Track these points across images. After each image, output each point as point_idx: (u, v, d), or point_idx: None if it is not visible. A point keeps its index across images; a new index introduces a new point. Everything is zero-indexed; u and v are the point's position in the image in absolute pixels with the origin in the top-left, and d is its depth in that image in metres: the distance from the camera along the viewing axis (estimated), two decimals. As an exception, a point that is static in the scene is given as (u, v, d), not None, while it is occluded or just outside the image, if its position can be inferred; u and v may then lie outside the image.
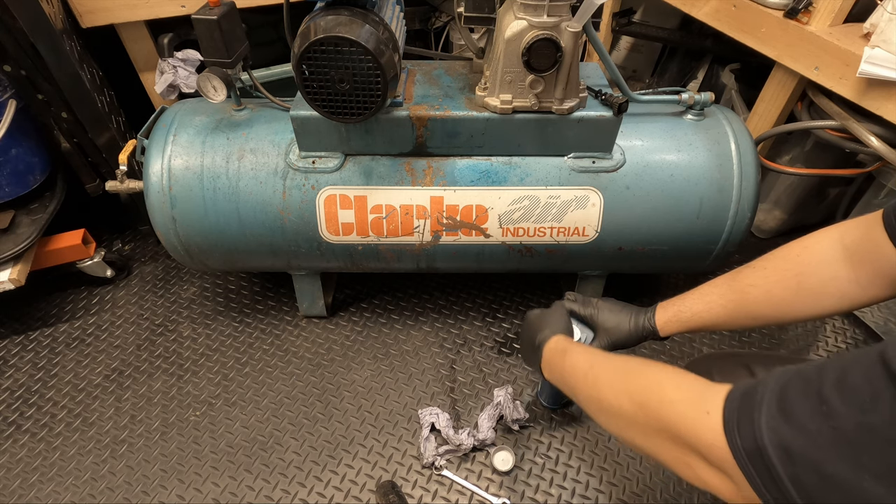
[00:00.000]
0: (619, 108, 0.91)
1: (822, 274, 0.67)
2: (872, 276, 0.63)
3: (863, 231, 0.64)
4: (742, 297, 0.74)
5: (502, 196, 0.98)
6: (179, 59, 1.26)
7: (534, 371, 0.91)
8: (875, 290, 0.64)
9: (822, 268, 0.68)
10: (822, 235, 0.69)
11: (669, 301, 0.82)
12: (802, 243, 0.71)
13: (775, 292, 0.71)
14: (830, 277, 0.67)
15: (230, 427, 1.05)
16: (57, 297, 1.31)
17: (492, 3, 0.89)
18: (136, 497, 0.95)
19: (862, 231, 0.65)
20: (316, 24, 0.78)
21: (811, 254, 0.69)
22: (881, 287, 0.64)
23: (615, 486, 0.98)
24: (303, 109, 0.92)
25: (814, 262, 0.68)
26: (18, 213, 1.16)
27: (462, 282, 1.35)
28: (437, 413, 1.03)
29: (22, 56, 1.02)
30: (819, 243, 0.69)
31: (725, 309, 0.75)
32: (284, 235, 1.01)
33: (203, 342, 1.21)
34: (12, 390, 1.12)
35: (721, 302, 0.76)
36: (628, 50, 1.82)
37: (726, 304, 0.75)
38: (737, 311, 0.74)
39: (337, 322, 1.25)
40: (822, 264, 0.67)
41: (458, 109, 0.94)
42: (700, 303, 0.78)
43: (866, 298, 0.65)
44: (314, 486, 0.97)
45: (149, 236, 1.46)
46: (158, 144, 0.99)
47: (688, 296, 0.80)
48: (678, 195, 0.99)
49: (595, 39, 0.89)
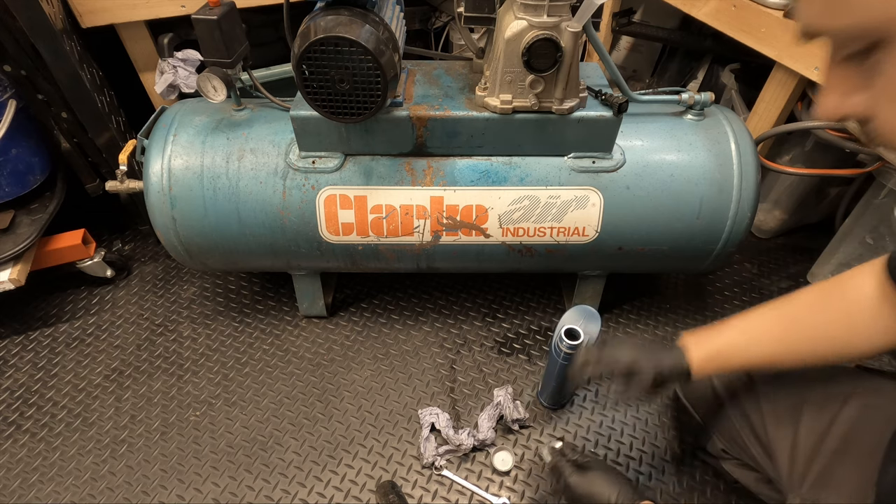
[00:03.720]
0: (619, 108, 0.91)
1: (867, 310, 0.65)
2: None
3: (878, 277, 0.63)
4: (790, 334, 0.69)
5: (502, 196, 0.98)
6: (179, 59, 1.26)
7: None
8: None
9: (865, 304, 0.65)
10: (858, 273, 0.67)
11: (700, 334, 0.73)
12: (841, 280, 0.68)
13: (825, 329, 0.67)
14: (878, 315, 0.64)
15: (230, 427, 1.05)
16: (57, 297, 1.31)
17: (492, 3, 0.89)
18: (136, 497, 0.95)
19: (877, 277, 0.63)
20: (316, 24, 0.78)
21: (853, 288, 0.67)
22: None
23: (615, 486, 0.98)
24: (303, 109, 0.92)
25: (856, 299, 0.66)
26: (18, 213, 1.16)
27: (462, 282, 1.35)
28: (437, 413, 1.03)
29: (22, 56, 1.02)
30: (859, 279, 0.66)
31: (775, 346, 0.69)
32: (284, 235, 1.01)
33: (203, 342, 1.21)
34: (12, 390, 1.12)
35: (771, 338, 0.69)
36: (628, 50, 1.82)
37: (776, 341, 0.69)
38: (786, 349, 0.69)
39: (337, 322, 1.25)
40: (865, 300, 0.65)
41: (458, 109, 0.94)
42: (742, 336, 0.71)
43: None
44: (314, 486, 0.97)
45: (149, 236, 1.46)
46: (158, 144, 0.99)
47: (728, 328, 0.72)
48: (678, 195, 0.99)
49: (595, 39, 0.89)
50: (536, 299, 1.32)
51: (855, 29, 0.27)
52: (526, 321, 1.27)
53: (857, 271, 0.67)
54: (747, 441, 0.81)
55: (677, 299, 1.31)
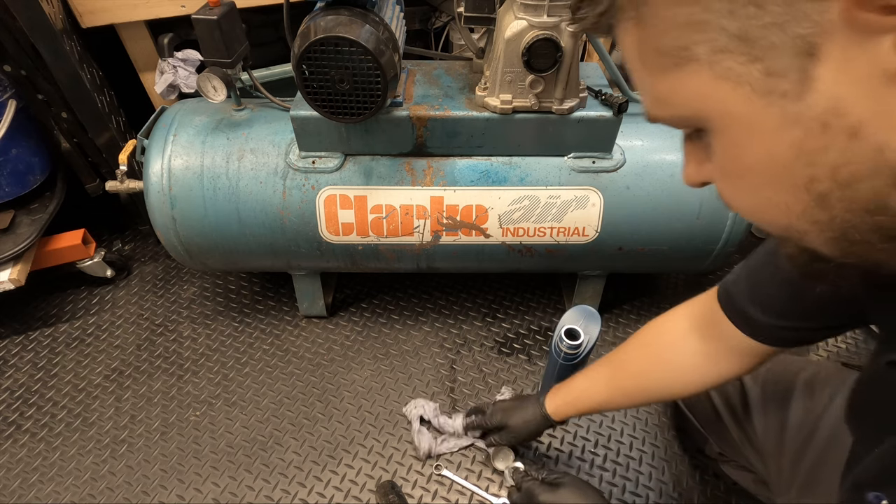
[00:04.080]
0: (619, 108, 0.91)
1: (680, 349, 0.68)
2: (725, 352, 0.64)
3: (707, 307, 0.65)
4: (617, 372, 0.75)
5: (502, 196, 0.98)
6: (179, 59, 1.26)
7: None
8: (729, 364, 0.64)
9: (679, 344, 0.69)
10: (673, 314, 0.71)
11: (558, 385, 0.83)
12: (659, 321, 0.73)
13: (642, 366, 0.73)
14: (688, 353, 0.67)
15: (230, 427, 1.05)
16: (57, 297, 1.31)
17: (492, 3, 0.89)
18: (136, 497, 0.95)
19: (707, 307, 0.65)
20: (316, 25, 0.78)
21: (667, 330, 0.71)
22: (736, 362, 0.64)
23: (615, 486, 0.98)
24: (303, 109, 0.92)
25: (670, 339, 0.70)
26: (18, 213, 1.16)
27: (462, 282, 1.35)
28: (422, 405, 1.02)
29: (22, 56, 1.02)
30: (672, 321, 0.71)
31: (607, 386, 0.76)
32: (284, 235, 1.01)
33: (203, 342, 1.21)
34: (12, 390, 1.12)
35: (603, 380, 0.77)
36: (628, 50, 1.82)
37: (607, 381, 0.76)
38: (615, 387, 0.75)
39: (337, 322, 1.25)
40: (679, 340, 0.69)
41: (458, 109, 0.94)
42: (585, 381, 0.79)
43: (725, 374, 0.65)
44: (314, 486, 0.97)
45: (149, 236, 1.46)
46: (158, 144, 0.98)
47: (577, 377, 0.81)
48: (678, 195, 0.99)
49: (595, 39, 0.89)
50: (536, 299, 1.32)
51: (678, 119, 0.32)
52: (526, 321, 1.27)
53: (672, 314, 0.72)
54: (741, 445, 0.81)
55: (677, 299, 1.29)
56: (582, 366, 1.01)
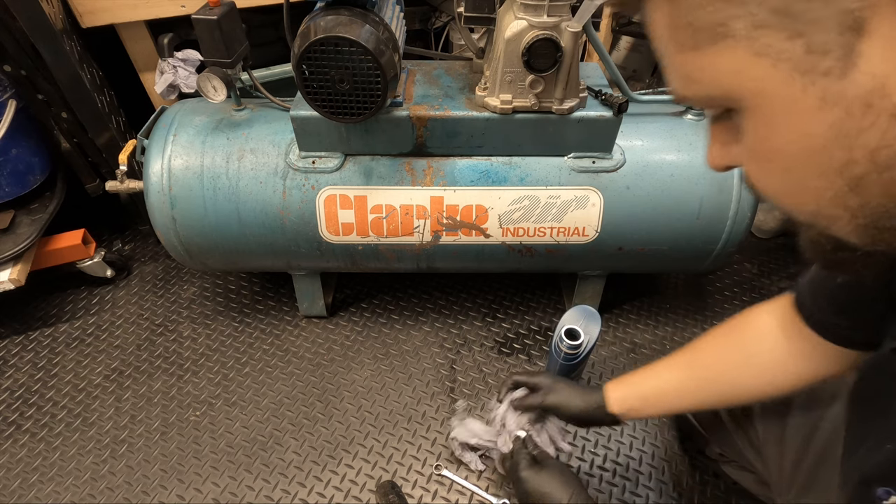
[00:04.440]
0: (619, 108, 0.91)
1: (766, 343, 0.66)
2: (811, 352, 0.62)
3: (789, 307, 0.63)
4: (695, 363, 0.71)
5: (502, 196, 0.98)
6: (179, 59, 1.26)
7: None
8: (816, 365, 0.62)
9: (765, 338, 0.66)
10: (755, 310, 0.68)
11: (620, 379, 0.77)
12: (739, 317, 0.69)
13: (726, 358, 0.69)
14: (775, 348, 0.65)
15: (230, 427, 1.05)
16: (57, 297, 1.31)
17: (492, 3, 0.89)
18: (136, 497, 0.95)
19: (789, 307, 0.63)
20: (316, 25, 0.78)
21: (750, 324, 0.68)
22: (822, 364, 0.62)
23: (615, 486, 0.98)
24: (303, 109, 0.92)
25: (755, 333, 0.67)
26: (18, 213, 1.16)
27: (462, 282, 1.35)
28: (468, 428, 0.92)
29: (22, 56, 1.02)
30: (755, 315, 0.68)
31: (683, 378, 0.72)
32: (284, 235, 1.01)
33: (203, 342, 1.21)
34: (12, 390, 1.12)
35: (677, 371, 0.72)
36: (628, 50, 1.82)
37: (682, 372, 0.72)
38: (693, 377, 0.71)
39: (337, 322, 1.25)
40: (765, 334, 0.66)
41: (458, 109, 0.94)
42: (652, 373, 0.74)
43: (813, 373, 0.63)
44: (314, 486, 0.97)
45: (149, 236, 1.46)
46: (158, 144, 0.99)
47: (642, 370, 0.76)
48: (678, 195, 0.99)
49: (595, 39, 0.89)
50: (536, 299, 1.32)
51: (707, 98, 0.31)
52: (526, 321, 1.27)
53: (753, 311, 0.69)
54: (741, 446, 0.81)
55: (677, 299, 1.31)
56: (582, 366, 1.01)
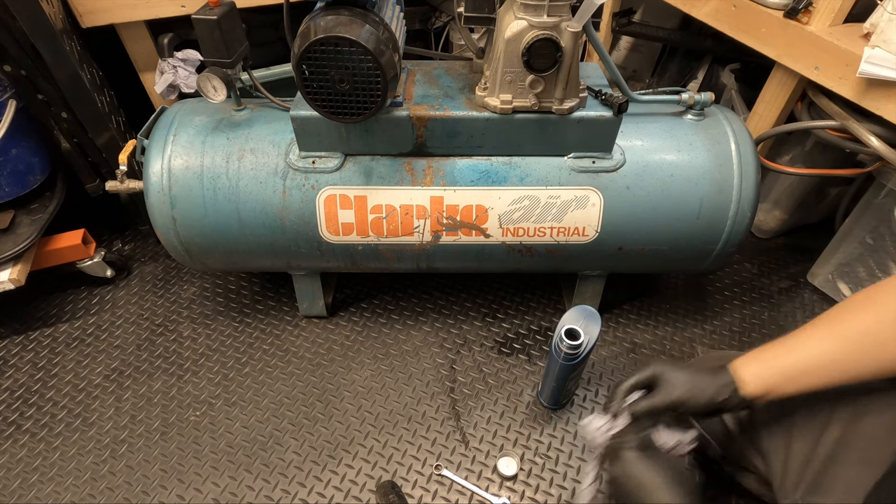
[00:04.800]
0: (619, 108, 0.91)
1: None
2: None
3: None
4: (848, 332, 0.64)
5: (502, 196, 0.98)
6: (179, 59, 1.26)
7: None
8: None
9: None
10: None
11: (746, 354, 0.68)
12: (883, 282, 0.64)
13: (884, 321, 0.62)
14: None
15: (230, 427, 1.05)
16: (57, 297, 1.31)
17: (492, 3, 0.89)
18: (136, 497, 0.95)
19: None
20: (316, 24, 0.78)
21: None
22: None
23: (615, 486, 0.98)
24: (303, 109, 0.92)
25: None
26: (18, 213, 1.16)
27: (462, 282, 1.35)
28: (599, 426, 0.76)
29: (22, 56, 1.02)
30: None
31: (835, 355, 0.64)
32: (284, 235, 1.01)
33: (203, 342, 1.21)
34: (12, 390, 1.12)
35: (828, 345, 0.64)
36: (628, 50, 1.82)
37: (833, 347, 0.64)
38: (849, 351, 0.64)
39: (337, 322, 1.25)
40: None
41: (458, 109, 0.94)
42: (793, 346, 0.66)
43: None
44: (314, 486, 0.97)
45: (149, 236, 1.46)
46: (158, 144, 0.99)
47: (774, 344, 0.68)
48: (678, 195, 0.99)
49: (595, 39, 0.89)
50: (536, 299, 1.32)
51: None
52: (526, 321, 1.27)
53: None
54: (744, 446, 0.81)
55: (677, 299, 1.31)
56: (582, 366, 1.01)
